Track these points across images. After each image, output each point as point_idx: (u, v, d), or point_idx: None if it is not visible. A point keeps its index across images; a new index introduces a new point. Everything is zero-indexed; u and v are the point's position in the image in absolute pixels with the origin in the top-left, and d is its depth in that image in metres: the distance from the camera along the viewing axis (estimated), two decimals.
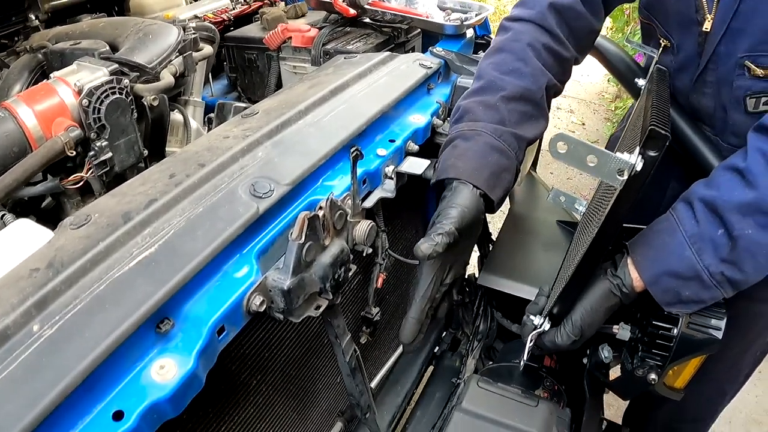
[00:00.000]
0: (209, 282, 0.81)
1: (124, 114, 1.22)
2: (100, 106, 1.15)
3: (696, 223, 1.00)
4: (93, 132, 1.17)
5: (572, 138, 0.86)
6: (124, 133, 1.24)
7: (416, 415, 1.42)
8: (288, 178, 0.92)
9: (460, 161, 1.04)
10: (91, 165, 1.21)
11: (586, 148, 0.86)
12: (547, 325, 1.12)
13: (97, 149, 1.20)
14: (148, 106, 1.30)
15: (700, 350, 1.10)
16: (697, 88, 1.26)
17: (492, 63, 1.18)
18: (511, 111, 1.11)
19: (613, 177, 0.86)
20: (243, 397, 1.01)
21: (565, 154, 0.87)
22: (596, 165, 0.86)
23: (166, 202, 0.85)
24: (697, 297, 1.03)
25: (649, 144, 0.83)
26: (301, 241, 0.80)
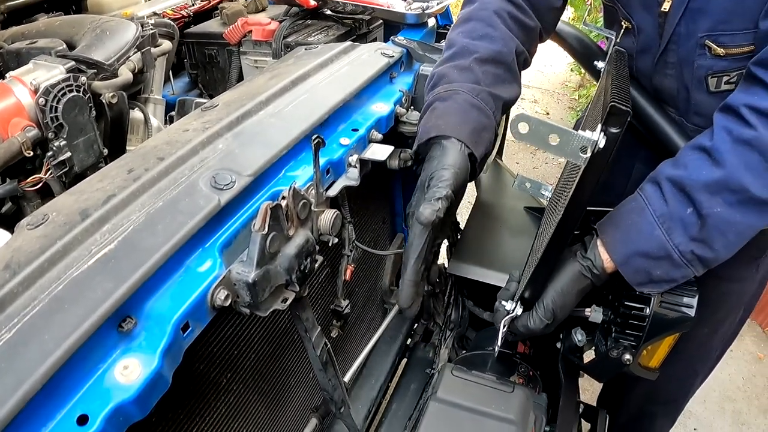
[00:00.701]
0: (172, 278, 0.79)
1: (82, 112, 1.19)
2: (57, 104, 1.13)
3: (665, 203, 1.01)
4: (51, 131, 1.15)
5: (533, 117, 0.85)
6: (83, 132, 1.21)
7: (392, 408, 1.41)
8: (249, 169, 0.89)
9: (441, 120, 1.05)
10: (49, 166, 1.18)
11: (547, 127, 0.85)
12: (520, 310, 1.12)
13: (56, 149, 1.18)
14: (106, 103, 1.27)
15: (674, 328, 1.11)
16: (659, 70, 1.27)
17: (462, 31, 1.19)
18: (485, 72, 1.12)
19: (576, 155, 0.86)
20: (213, 396, 0.99)
21: (527, 134, 0.87)
22: (559, 144, 0.85)
23: (124, 198, 0.83)
24: (668, 276, 1.03)
25: (611, 120, 0.82)
26: (264, 231, 0.78)
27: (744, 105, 0.96)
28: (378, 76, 1.24)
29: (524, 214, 1.52)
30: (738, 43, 1.09)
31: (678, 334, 1.11)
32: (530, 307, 1.11)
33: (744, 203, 0.96)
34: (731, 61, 1.12)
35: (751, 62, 0.99)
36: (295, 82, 1.13)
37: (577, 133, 0.84)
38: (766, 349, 3.00)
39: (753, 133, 0.94)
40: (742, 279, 1.43)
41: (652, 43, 1.24)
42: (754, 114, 0.95)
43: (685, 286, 1.10)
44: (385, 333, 1.55)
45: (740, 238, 1.00)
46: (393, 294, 1.56)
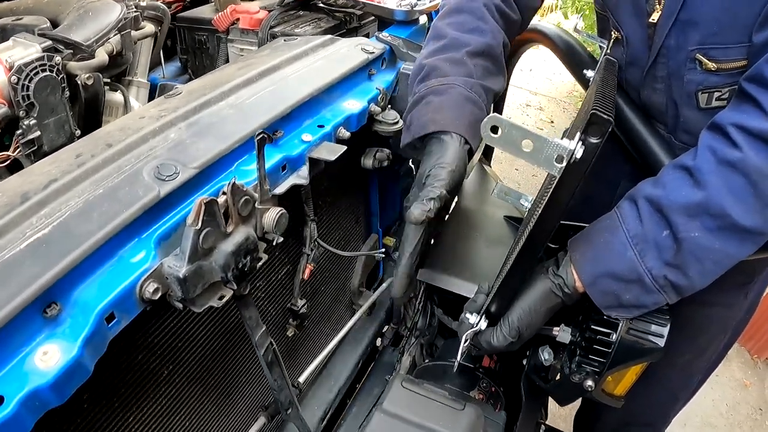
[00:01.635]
0: (102, 266, 0.77)
1: (54, 92, 1.19)
2: (29, 83, 1.12)
3: (640, 223, 0.96)
4: (22, 110, 1.14)
5: (506, 120, 0.80)
6: (54, 112, 1.21)
7: (352, 411, 1.39)
8: (197, 161, 0.87)
9: (438, 115, 1.04)
10: (18, 144, 1.19)
11: (520, 131, 0.80)
12: (484, 324, 1.08)
13: (25, 128, 1.18)
14: (82, 85, 1.27)
15: (641, 358, 1.07)
16: (648, 83, 1.22)
17: (451, 23, 1.18)
18: (476, 65, 1.12)
19: (551, 164, 0.80)
20: (153, 387, 0.97)
21: (499, 138, 0.82)
22: (532, 151, 0.80)
23: (66, 183, 0.82)
24: (638, 301, 0.99)
25: (591, 129, 0.77)
26: (197, 227, 0.76)
27: (732, 124, 0.91)
28: (354, 72, 1.21)
29: (503, 224, 1.49)
30: (730, 57, 1.03)
31: (645, 363, 1.07)
32: (495, 322, 1.07)
33: (724, 230, 0.91)
34: (723, 76, 1.06)
35: (743, 78, 0.93)
36: (264, 73, 1.10)
37: (553, 140, 0.79)
38: (753, 377, 2.94)
39: (738, 155, 0.88)
40: (728, 305, 1.38)
41: (641, 55, 1.20)
42: (741, 134, 0.89)
43: (657, 313, 1.05)
44: (350, 335, 1.53)
45: (718, 267, 0.95)
46: (362, 295, 1.53)
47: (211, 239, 0.79)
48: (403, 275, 1.03)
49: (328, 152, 0.93)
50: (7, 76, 1.10)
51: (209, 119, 0.96)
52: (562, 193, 0.86)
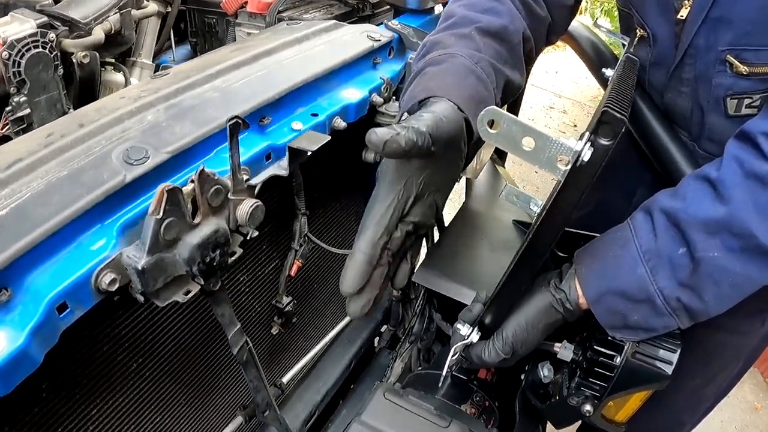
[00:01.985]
0: (59, 253, 0.73)
1: (46, 69, 1.18)
2: (20, 59, 1.11)
3: (654, 237, 0.88)
4: (13, 86, 1.13)
5: (505, 113, 0.72)
6: (46, 90, 1.19)
7: (341, 414, 1.33)
8: (170, 145, 0.82)
9: (432, 82, 0.86)
10: (7, 121, 1.18)
11: (521, 127, 0.71)
12: (476, 337, 1.00)
13: (15, 104, 1.17)
14: (77, 63, 1.24)
15: (645, 384, 0.98)
16: (673, 86, 1.13)
17: (463, 4, 1.04)
18: (486, 44, 0.95)
19: (553, 166, 0.72)
20: (120, 380, 0.92)
21: (497, 134, 0.73)
22: (534, 150, 0.72)
23: (30, 163, 0.78)
24: (647, 324, 0.90)
25: (602, 129, 0.69)
26: (158, 216, 0.71)
27: (763, 133, 0.82)
28: (357, 60, 1.15)
29: (512, 229, 1.41)
30: (764, 60, 0.94)
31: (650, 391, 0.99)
32: (489, 335, 1.00)
33: (747, 251, 0.81)
34: (755, 81, 0.97)
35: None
36: (258, 56, 1.04)
37: (557, 140, 0.71)
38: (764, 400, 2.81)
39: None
40: (744, 332, 1.27)
41: (667, 55, 1.11)
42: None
43: (667, 337, 0.97)
44: (344, 335, 1.47)
45: (737, 292, 0.85)
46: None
47: (175, 230, 0.74)
48: (360, 259, 0.76)
49: (309, 142, 0.86)
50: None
51: (191, 102, 0.91)
52: (565, 199, 0.79)
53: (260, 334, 1.21)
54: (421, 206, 0.82)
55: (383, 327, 1.59)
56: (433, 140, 0.72)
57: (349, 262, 0.77)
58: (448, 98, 0.81)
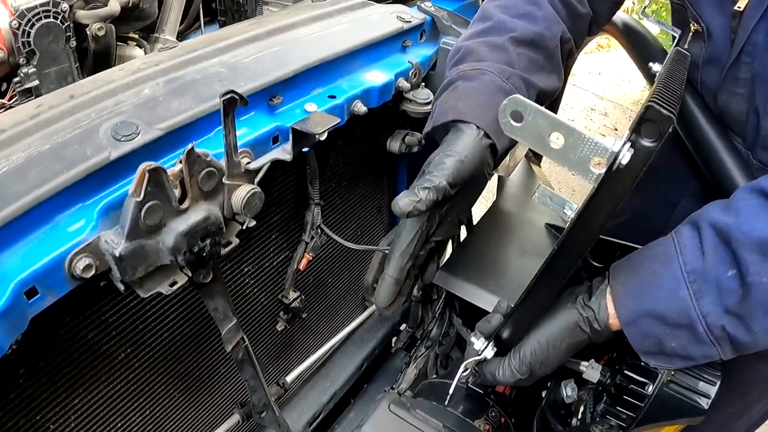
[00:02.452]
0: (33, 233, 0.67)
1: (57, 40, 1.13)
2: (29, 29, 1.07)
3: (701, 256, 0.77)
4: (22, 57, 1.09)
5: (530, 103, 0.64)
6: (56, 62, 1.15)
7: (348, 417, 1.26)
8: (164, 121, 0.75)
9: (461, 102, 0.88)
10: (15, 92, 1.15)
11: (549, 121, 0.63)
12: (491, 353, 0.92)
13: (23, 75, 1.14)
14: (92, 36, 1.19)
15: (678, 418, 0.89)
16: (727, 86, 1.02)
17: (500, 6, 1.00)
18: (520, 55, 0.94)
19: (585, 168, 0.64)
20: (106, 370, 0.87)
21: (522, 127, 0.66)
22: (563, 148, 0.64)
23: (12, 135, 0.73)
24: (685, 352, 0.80)
25: (645, 128, 0.60)
26: (138, 198, 0.64)
27: None
28: (383, 41, 1.06)
29: (544, 232, 1.31)
30: None
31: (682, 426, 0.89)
32: (505, 352, 0.92)
33: None
34: None
35: None
36: (272, 32, 0.97)
37: (591, 137, 0.62)
38: None
39: None
40: None
41: (722, 52, 1.00)
42: None
43: (706, 367, 0.88)
44: (357, 335, 1.39)
45: None
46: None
47: (158, 215, 0.67)
48: (390, 282, 0.87)
49: (315, 124, 0.78)
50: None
51: (193, 76, 0.84)
52: (598, 208, 0.69)
53: (264, 330, 1.14)
54: (445, 227, 0.91)
55: (402, 326, 1.51)
56: (453, 185, 0.80)
57: (381, 284, 0.89)
58: (475, 123, 0.84)
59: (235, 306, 1.00)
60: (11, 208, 0.64)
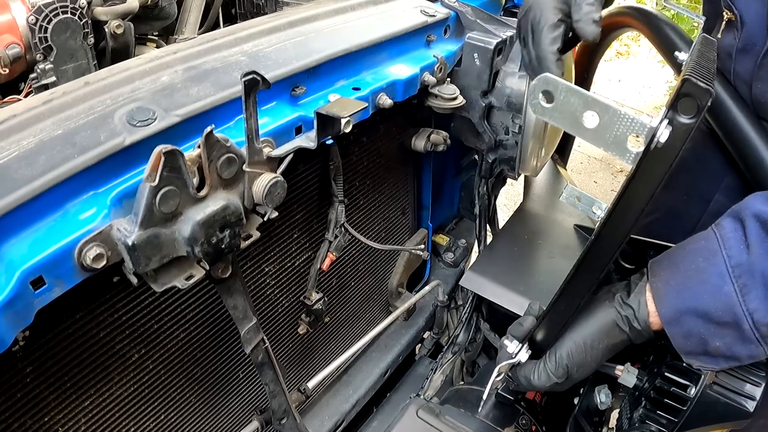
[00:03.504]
0: (43, 220, 0.64)
1: (74, 36, 1.13)
2: (47, 24, 1.06)
3: (746, 250, 0.73)
4: (39, 53, 1.09)
5: (562, 82, 0.61)
6: (73, 58, 1.14)
7: (372, 425, 1.21)
8: (182, 108, 0.72)
9: None
10: (31, 88, 1.14)
11: (582, 98, 0.60)
12: (525, 356, 0.89)
13: (39, 71, 1.13)
14: (110, 33, 1.18)
15: (722, 422, 0.85)
16: (762, 75, 1.00)
17: None
18: None
19: (622, 148, 0.61)
20: (118, 371, 0.83)
21: (553, 108, 0.62)
22: (598, 127, 0.61)
23: (24, 120, 0.70)
24: (730, 351, 0.76)
25: (682, 104, 0.56)
26: (153, 183, 0.60)
27: None
28: (407, 35, 1.03)
29: (573, 234, 1.26)
30: None
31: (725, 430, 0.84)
32: (540, 355, 0.88)
33: None
34: None
35: None
36: (294, 23, 0.94)
37: (627, 112, 0.59)
38: None
39: None
40: None
41: (757, 40, 0.97)
42: None
43: (751, 368, 0.83)
44: (381, 340, 1.34)
45: None
46: (400, 297, 1.34)
47: (173, 202, 0.63)
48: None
49: (340, 108, 0.74)
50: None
51: (213, 65, 0.81)
52: (636, 192, 0.65)
53: (285, 333, 1.09)
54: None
55: (426, 333, 1.46)
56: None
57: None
58: None
59: (255, 308, 0.95)
60: (19, 194, 0.61)
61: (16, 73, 1.13)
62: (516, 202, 1.43)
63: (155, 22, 1.33)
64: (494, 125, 1.14)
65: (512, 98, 1.09)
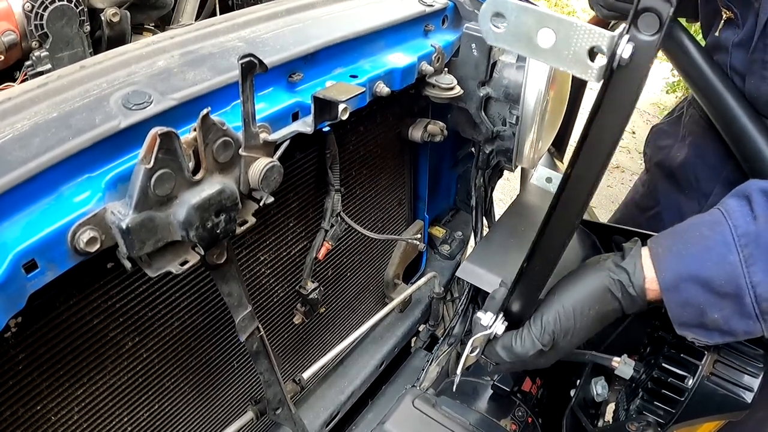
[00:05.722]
0: (36, 203, 0.63)
1: (70, 24, 1.12)
2: (43, 12, 1.06)
3: (753, 220, 0.71)
4: (35, 40, 1.09)
5: (512, 2, 0.56)
6: (69, 46, 1.14)
7: (367, 417, 1.20)
8: (178, 91, 0.71)
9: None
10: (26, 75, 1.13)
11: (535, 16, 0.55)
12: (502, 327, 0.83)
13: (35, 59, 1.12)
14: (106, 21, 1.17)
15: (720, 413, 0.84)
16: (755, 70, 1.00)
17: None
18: None
19: (583, 64, 0.55)
20: (112, 359, 0.82)
21: (506, 32, 0.56)
22: (554, 45, 0.55)
23: (19, 103, 0.69)
24: (727, 325, 0.73)
25: (643, 20, 0.53)
26: (148, 165, 0.60)
27: None
28: (405, 24, 1.02)
29: None
30: None
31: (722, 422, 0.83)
32: (518, 326, 0.83)
33: None
34: None
35: None
36: (292, 10, 0.93)
37: (584, 24, 0.54)
38: None
39: None
40: None
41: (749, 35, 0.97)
42: None
43: (749, 359, 0.82)
44: (377, 332, 1.34)
45: None
46: (396, 288, 1.34)
47: (169, 185, 0.62)
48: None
49: (338, 92, 0.73)
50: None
51: (210, 50, 0.80)
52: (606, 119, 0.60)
53: (280, 322, 1.09)
54: None
55: (421, 326, 1.45)
56: None
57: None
58: None
59: (251, 297, 0.95)
60: (12, 176, 0.60)
61: (12, 61, 1.13)
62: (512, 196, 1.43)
63: (152, 11, 1.32)
64: (491, 116, 1.14)
65: (510, 89, 1.09)
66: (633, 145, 4.81)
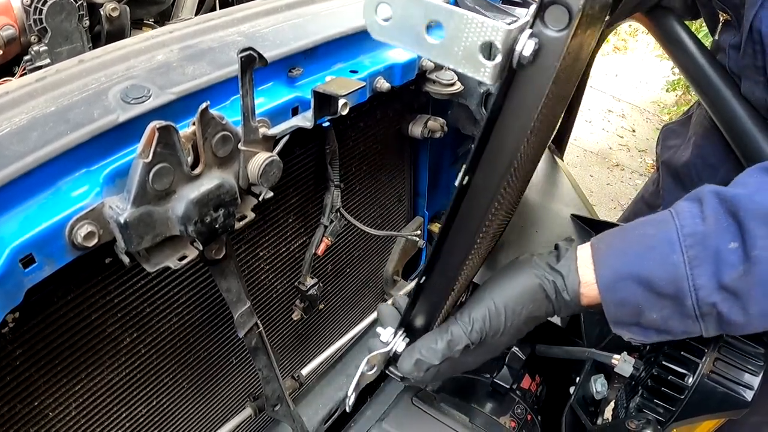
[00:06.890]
0: (33, 197, 0.63)
1: (69, 19, 1.12)
2: (42, 6, 1.07)
3: (701, 221, 0.67)
4: (33, 35, 1.09)
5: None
6: (69, 41, 1.14)
7: (366, 414, 1.20)
8: (177, 86, 0.71)
9: None
10: (25, 70, 1.13)
11: (422, 7, 0.47)
12: (402, 345, 0.76)
13: (34, 54, 1.11)
14: (106, 16, 1.16)
15: (719, 411, 0.83)
16: (748, 74, 1.00)
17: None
18: None
19: (475, 62, 0.47)
20: (109, 355, 0.82)
21: (392, 26, 0.50)
22: (444, 40, 0.48)
23: (16, 97, 0.69)
24: (665, 325, 0.70)
25: (550, 14, 0.46)
26: (146, 159, 0.59)
27: None
28: None
29: (569, 223, 1.25)
30: None
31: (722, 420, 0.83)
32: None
33: None
34: None
35: None
36: (292, 5, 0.93)
37: (476, 17, 0.46)
38: None
39: None
40: None
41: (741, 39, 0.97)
42: None
43: (750, 357, 0.82)
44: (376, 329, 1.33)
45: None
46: (396, 285, 1.33)
47: (167, 179, 0.62)
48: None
49: (338, 87, 0.73)
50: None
51: (209, 44, 0.80)
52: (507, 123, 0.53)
53: (279, 319, 1.08)
54: None
55: None
56: None
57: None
58: None
59: (250, 293, 0.94)
60: (9, 170, 0.60)
61: (11, 56, 1.12)
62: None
63: (151, 6, 1.32)
64: None
65: None
66: (633, 144, 4.81)
